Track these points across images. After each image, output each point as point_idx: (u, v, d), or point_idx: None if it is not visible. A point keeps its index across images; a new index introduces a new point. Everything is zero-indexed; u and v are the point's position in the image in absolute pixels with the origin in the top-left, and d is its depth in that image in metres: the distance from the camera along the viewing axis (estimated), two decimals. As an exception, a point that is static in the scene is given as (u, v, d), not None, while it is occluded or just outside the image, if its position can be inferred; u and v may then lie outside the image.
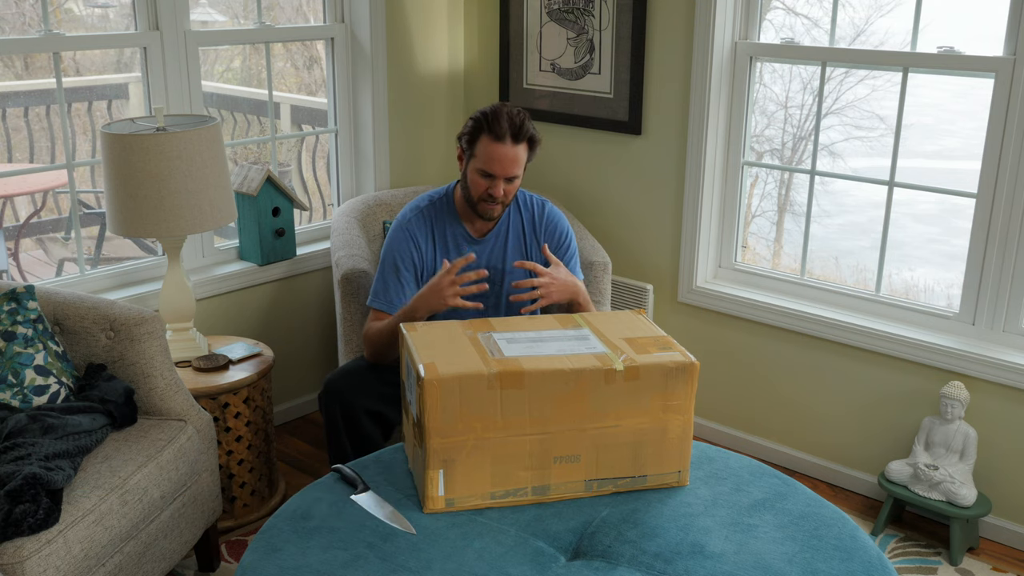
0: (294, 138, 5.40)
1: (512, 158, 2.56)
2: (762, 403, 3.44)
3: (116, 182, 2.72)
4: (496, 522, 2.02)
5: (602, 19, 3.48)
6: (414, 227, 2.70)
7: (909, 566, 2.88)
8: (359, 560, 1.88)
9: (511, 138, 2.55)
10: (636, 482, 2.13)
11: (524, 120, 2.57)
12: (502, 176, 2.57)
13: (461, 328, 2.20)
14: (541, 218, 2.77)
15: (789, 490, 2.17)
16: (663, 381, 2.05)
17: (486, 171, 2.58)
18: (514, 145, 2.56)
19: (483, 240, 2.73)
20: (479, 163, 2.58)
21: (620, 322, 2.27)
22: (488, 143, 2.56)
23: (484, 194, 2.60)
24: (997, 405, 2.92)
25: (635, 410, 2.06)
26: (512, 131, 2.54)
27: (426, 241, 2.70)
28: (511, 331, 2.19)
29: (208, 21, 5.31)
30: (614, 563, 1.90)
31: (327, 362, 3.79)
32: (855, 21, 4.93)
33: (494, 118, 2.55)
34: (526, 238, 2.76)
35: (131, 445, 2.39)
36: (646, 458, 2.11)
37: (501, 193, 2.59)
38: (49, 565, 2.02)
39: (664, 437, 2.10)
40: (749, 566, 1.88)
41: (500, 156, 2.55)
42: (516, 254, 2.75)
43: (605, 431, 2.06)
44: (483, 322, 2.24)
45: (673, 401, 2.08)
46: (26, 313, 2.48)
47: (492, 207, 2.62)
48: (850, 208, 6.02)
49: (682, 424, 2.10)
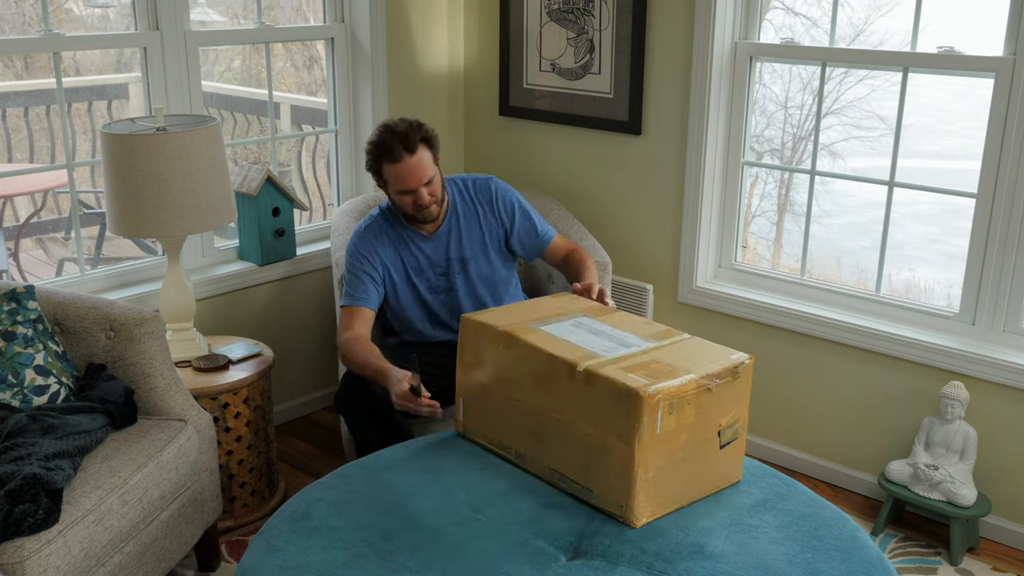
0: (294, 138, 5.40)
1: (416, 167, 2.67)
2: (762, 403, 3.43)
3: (116, 182, 2.72)
4: (496, 522, 2.02)
5: (602, 19, 3.48)
6: (372, 235, 2.81)
7: (909, 566, 2.88)
8: (359, 560, 1.88)
9: (405, 152, 2.65)
10: (585, 493, 2.07)
11: (408, 130, 2.66)
12: (417, 185, 2.68)
13: (579, 306, 2.40)
14: (489, 196, 2.88)
15: (789, 490, 2.16)
16: (613, 399, 1.95)
17: (402, 189, 2.69)
18: (411, 155, 2.65)
19: (435, 236, 2.83)
20: (394, 186, 2.71)
21: (702, 352, 2.12)
22: (390, 168, 2.68)
23: (413, 206, 2.72)
24: (997, 405, 2.92)
25: (587, 417, 2.03)
26: (404, 146, 2.64)
27: (384, 247, 2.81)
28: (601, 322, 2.28)
29: (208, 21, 5.31)
30: (614, 563, 1.90)
31: (327, 362, 3.79)
32: (855, 21, 4.94)
33: (382, 144, 2.67)
34: (481, 220, 2.86)
35: (131, 445, 2.39)
36: (594, 472, 2.03)
37: (426, 199, 2.70)
38: (49, 565, 2.02)
39: (608, 459, 1.98)
40: (749, 567, 1.88)
41: (405, 172, 2.66)
42: (472, 240, 2.84)
43: (563, 424, 2.09)
44: (603, 310, 2.39)
45: (617, 425, 1.94)
46: (26, 313, 2.48)
47: (426, 212, 2.74)
48: (850, 208, 6.02)
49: (623, 455, 1.94)
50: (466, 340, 2.30)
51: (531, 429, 2.16)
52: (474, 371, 2.30)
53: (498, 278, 2.88)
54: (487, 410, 2.28)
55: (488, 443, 2.29)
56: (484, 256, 2.85)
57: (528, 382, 2.15)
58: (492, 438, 2.28)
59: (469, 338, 2.29)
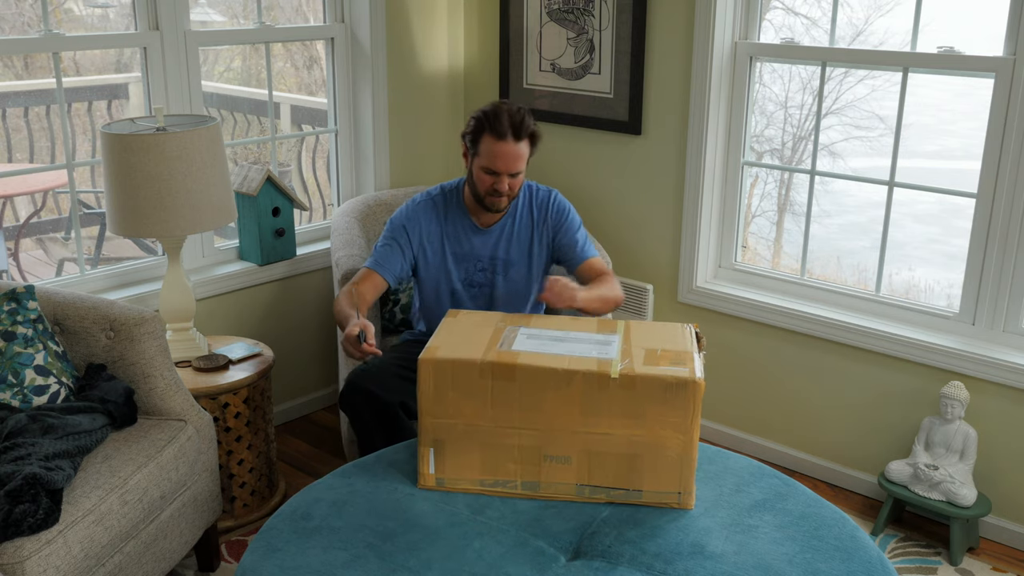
0: (294, 138, 5.40)
1: (514, 155, 2.65)
2: (762, 403, 3.44)
3: (116, 182, 2.72)
4: (496, 522, 2.02)
5: (602, 19, 3.48)
6: (422, 210, 2.81)
7: (909, 566, 2.88)
8: (359, 560, 1.88)
9: (512, 136, 2.63)
10: (630, 496, 2.08)
11: (524, 117, 2.66)
12: (505, 172, 2.66)
13: (496, 320, 2.28)
14: (548, 207, 2.86)
15: (789, 490, 2.16)
16: (661, 395, 2.00)
17: (490, 168, 2.67)
18: (516, 142, 2.64)
19: (488, 231, 2.82)
20: (483, 161, 2.67)
21: (660, 333, 2.21)
22: (491, 141, 2.65)
23: (490, 189, 2.70)
24: (997, 405, 2.92)
25: (629, 421, 2.02)
26: (513, 129, 2.63)
27: (431, 225, 2.80)
28: (540, 328, 2.22)
29: (208, 21, 5.31)
30: (614, 563, 1.90)
31: (327, 362, 3.79)
32: (854, 21, 4.93)
33: (495, 117, 2.64)
34: (534, 229, 2.85)
35: (131, 445, 2.39)
36: (642, 473, 2.05)
37: (506, 188, 2.69)
38: (49, 565, 2.02)
39: (661, 454, 2.03)
40: (749, 567, 1.88)
41: (503, 153, 2.64)
42: (520, 245, 2.83)
43: (597, 437, 2.04)
44: (520, 317, 2.32)
45: (671, 418, 2.01)
46: (26, 313, 2.48)
47: (498, 200, 2.72)
48: (850, 208, 6.02)
49: (682, 443, 2.02)
50: (429, 384, 2.06)
51: (547, 454, 2.07)
52: (444, 414, 2.07)
53: (529, 289, 2.88)
54: (468, 452, 2.09)
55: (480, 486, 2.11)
56: (526, 264, 2.85)
57: (539, 406, 2.04)
58: (482, 481, 2.11)
59: (433, 380, 2.06)
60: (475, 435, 2.08)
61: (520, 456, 2.08)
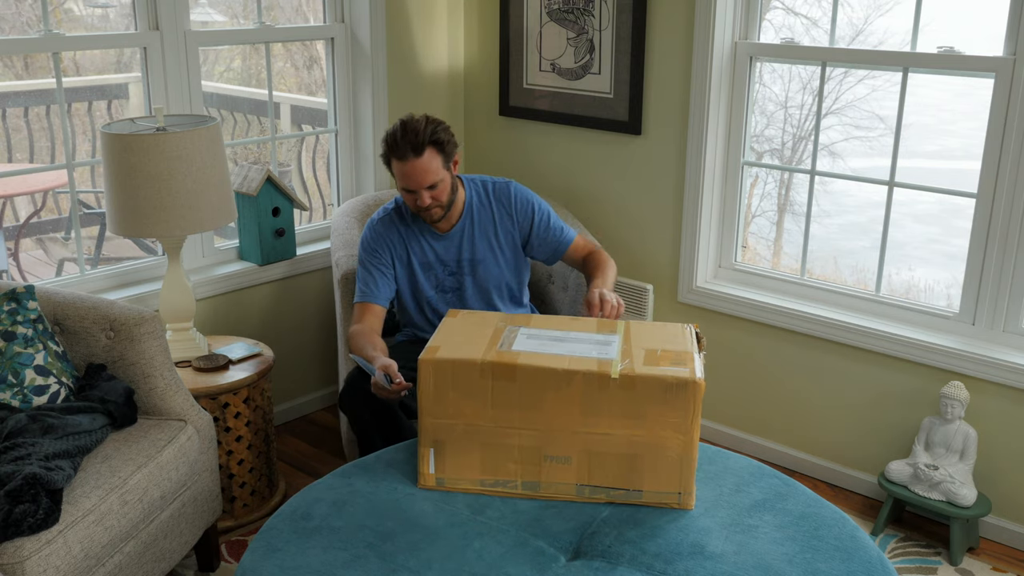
0: (294, 138, 5.40)
1: (420, 169, 2.64)
2: (762, 403, 3.44)
3: (116, 182, 2.72)
4: (496, 522, 2.02)
5: (602, 19, 3.48)
6: (383, 228, 2.82)
7: (909, 566, 2.88)
8: (359, 560, 1.88)
9: (412, 152, 2.62)
10: (631, 496, 2.08)
11: (420, 130, 2.62)
12: (419, 188, 2.66)
13: (496, 320, 2.29)
14: (511, 201, 2.86)
15: (789, 490, 2.17)
16: (661, 395, 2.00)
17: (405, 187, 2.69)
18: (417, 157, 2.62)
19: (448, 235, 2.83)
20: (399, 182, 2.70)
21: (660, 333, 2.22)
22: (396, 164, 2.67)
23: (415, 207, 2.71)
24: (997, 405, 2.92)
25: (630, 421, 2.03)
26: (411, 146, 2.61)
27: (395, 239, 2.81)
28: (540, 328, 2.23)
29: (208, 21, 5.30)
30: (614, 563, 1.90)
31: (327, 362, 3.79)
32: (855, 21, 4.93)
33: (393, 138, 2.65)
34: (497, 223, 2.85)
35: (131, 445, 2.39)
36: (642, 473, 2.06)
37: (427, 202, 2.68)
38: (49, 565, 2.02)
39: (661, 454, 2.04)
40: (749, 567, 1.88)
41: (408, 172, 2.65)
42: (484, 242, 2.84)
43: (597, 437, 2.05)
44: (521, 317, 2.32)
45: (671, 418, 2.01)
46: (26, 313, 2.48)
47: (427, 214, 2.73)
48: (850, 208, 6.02)
49: (682, 444, 2.03)
50: (429, 384, 2.08)
51: (547, 454, 2.08)
52: (444, 414, 2.09)
53: (507, 282, 2.88)
54: (469, 452, 2.11)
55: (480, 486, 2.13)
56: (494, 259, 2.85)
57: (539, 406, 2.05)
58: (482, 481, 2.12)
59: (433, 380, 2.07)
60: (475, 435, 2.09)
61: (520, 456, 2.08)
